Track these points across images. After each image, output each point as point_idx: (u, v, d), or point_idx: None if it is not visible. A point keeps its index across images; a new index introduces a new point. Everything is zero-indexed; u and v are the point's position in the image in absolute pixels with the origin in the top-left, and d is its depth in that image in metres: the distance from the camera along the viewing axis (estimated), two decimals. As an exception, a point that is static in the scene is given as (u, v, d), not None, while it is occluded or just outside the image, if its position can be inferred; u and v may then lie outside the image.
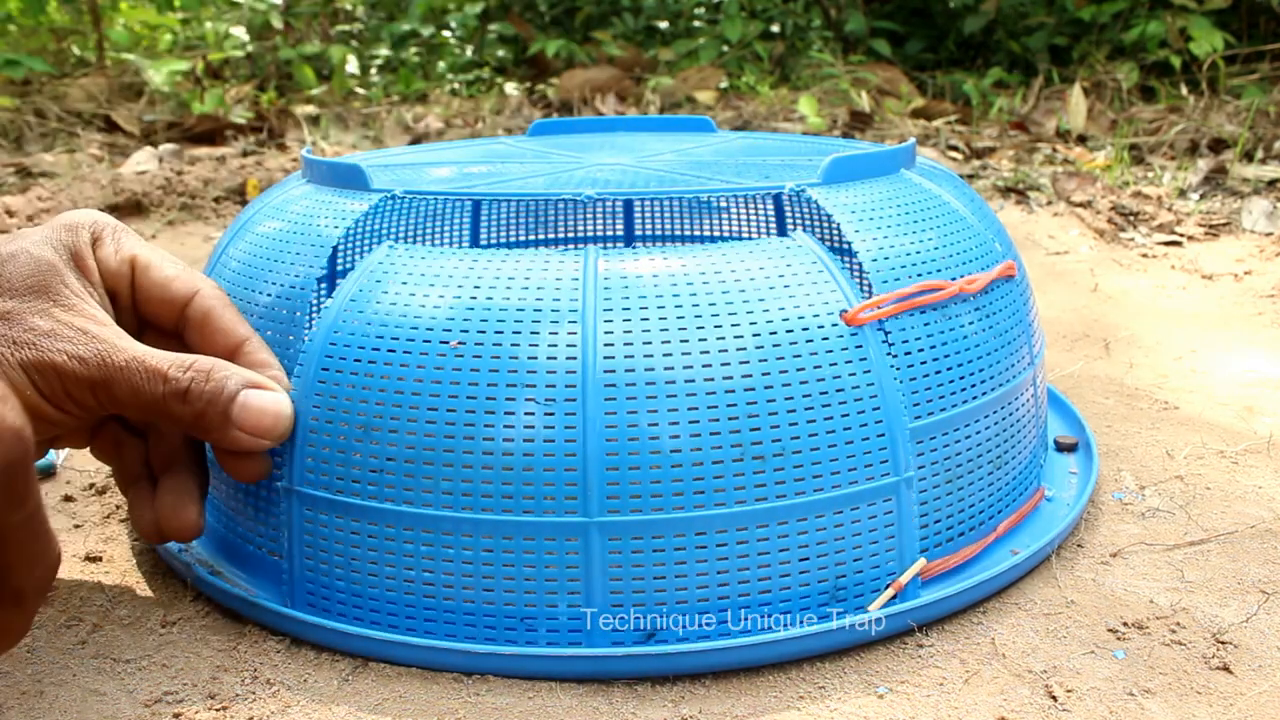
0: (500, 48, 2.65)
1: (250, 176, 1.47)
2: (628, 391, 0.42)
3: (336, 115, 2.05)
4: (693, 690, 0.42)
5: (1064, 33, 2.35)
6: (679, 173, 0.56)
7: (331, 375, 0.44)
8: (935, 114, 1.98)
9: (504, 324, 0.42)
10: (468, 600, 0.43)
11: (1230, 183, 1.43)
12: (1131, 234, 1.23)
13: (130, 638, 0.46)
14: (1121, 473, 0.61)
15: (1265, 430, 0.67)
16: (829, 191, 0.50)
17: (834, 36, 2.56)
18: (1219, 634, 0.45)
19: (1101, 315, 0.94)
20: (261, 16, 2.49)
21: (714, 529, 0.42)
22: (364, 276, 0.46)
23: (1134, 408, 0.71)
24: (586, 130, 0.76)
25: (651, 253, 0.45)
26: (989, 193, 1.45)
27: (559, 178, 0.56)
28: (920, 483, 0.46)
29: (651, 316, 0.42)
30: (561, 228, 0.76)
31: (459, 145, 0.71)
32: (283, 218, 0.52)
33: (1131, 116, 1.86)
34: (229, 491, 0.50)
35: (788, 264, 0.45)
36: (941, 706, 0.41)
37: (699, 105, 2.10)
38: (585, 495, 0.42)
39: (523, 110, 2.12)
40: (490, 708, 0.41)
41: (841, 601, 0.44)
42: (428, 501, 0.43)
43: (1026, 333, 0.53)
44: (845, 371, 0.44)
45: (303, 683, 0.43)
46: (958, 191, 0.55)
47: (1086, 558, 0.52)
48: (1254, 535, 0.54)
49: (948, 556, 0.48)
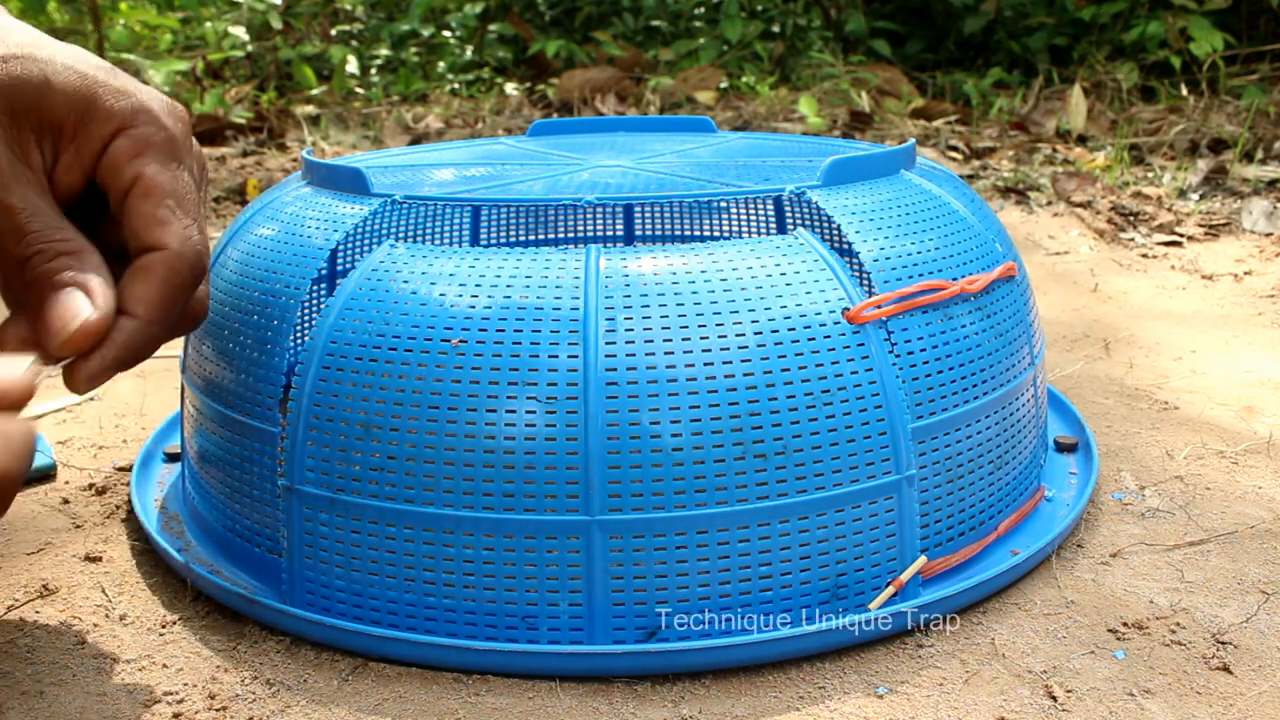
0: (500, 48, 2.65)
1: (250, 177, 1.47)
2: (629, 390, 0.42)
3: (336, 115, 2.05)
4: (693, 690, 0.42)
5: (1064, 33, 2.35)
6: (679, 175, 0.56)
7: (332, 374, 0.44)
8: (935, 114, 1.98)
9: (505, 323, 0.42)
10: (469, 598, 0.43)
11: (1230, 183, 1.44)
12: (1131, 234, 1.23)
13: (130, 638, 0.46)
14: (1121, 473, 0.61)
15: (1265, 430, 0.67)
16: (829, 193, 0.50)
17: (834, 36, 2.56)
18: (1219, 634, 0.45)
19: (1101, 315, 0.94)
20: (261, 16, 2.49)
21: (715, 527, 0.42)
22: (365, 276, 0.46)
23: (1134, 408, 0.71)
24: (586, 131, 0.76)
25: (653, 251, 0.45)
26: (989, 193, 1.45)
27: (559, 180, 0.56)
28: (921, 482, 0.46)
29: (653, 314, 0.42)
30: (561, 229, 0.76)
31: (459, 146, 0.71)
32: (283, 221, 0.52)
33: (1131, 117, 1.86)
34: (229, 490, 0.50)
35: (789, 262, 0.45)
36: (941, 707, 0.41)
37: (699, 105, 2.10)
38: (587, 494, 0.42)
39: (523, 110, 2.12)
40: (490, 708, 0.41)
41: (842, 600, 0.44)
42: (429, 500, 0.43)
43: (1027, 333, 0.53)
44: (847, 370, 0.44)
45: (303, 683, 0.43)
46: (958, 192, 0.55)
47: (1086, 558, 0.52)
48: (1254, 535, 0.54)
49: (948, 556, 0.48)
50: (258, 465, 0.48)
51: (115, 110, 0.43)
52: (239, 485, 0.49)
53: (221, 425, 0.50)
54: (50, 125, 0.42)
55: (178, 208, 0.43)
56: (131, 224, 0.42)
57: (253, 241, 0.52)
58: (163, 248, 0.42)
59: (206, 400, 0.51)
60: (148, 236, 0.42)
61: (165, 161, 0.43)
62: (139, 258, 0.42)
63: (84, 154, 0.43)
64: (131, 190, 0.42)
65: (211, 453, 0.51)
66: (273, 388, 0.47)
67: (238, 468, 0.49)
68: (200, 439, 0.52)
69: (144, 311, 0.41)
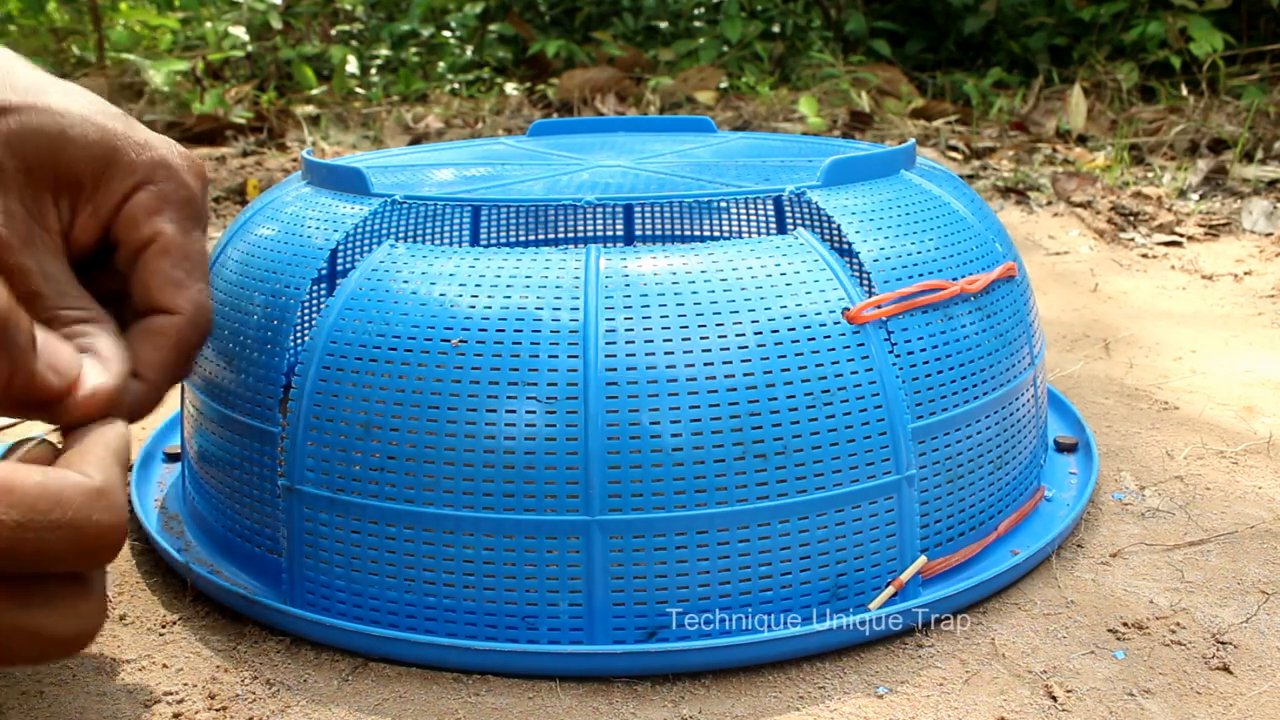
0: (500, 48, 2.65)
1: (250, 177, 1.47)
2: (629, 390, 0.42)
3: (336, 115, 2.05)
4: (693, 690, 0.42)
5: (1064, 33, 2.35)
6: (679, 175, 0.56)
7: (332, 374, 0.44)
8: (935, 114, 1.98)
9: (505, 323, 0.42)
10: (469, 598, 0.43)
11: (1230, 183, 1.44)
12: (1131, 234, 1.23)
13: (130, 638, 0.46)
14: (1121, 473, 0.61)
15: (1265, 430, 0.67)
16: (829, 193, 0.50)
17: (834, 36, 2.56)
18: (1219, 634, 0.45)
19: (1101, 315, 0.94)
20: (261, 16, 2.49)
21: (715, 527, 0.42)
22: (365, 276, 0.46)
23: (1134, 408, 0.71)
24: (586, 130, 0.76)
25: (653, 251, 0.45)
26: (989, 193, 1.45)
27: (559, 180, 0.56)
28: (921, 482, 0.46)
29: (653, 314, 0.42)
30: (561, 229, 0.76)
31: (459, 146, 0.71)
32: (283, 221, 0.52)
33: (1131, 117, 1.86)
34: (229, 490, 0.50)
35: (789, 262, 0.45)
36: (941, 707, 0.41)
37: (699, 105, 2.10)
38: (587, 493, 0.42)
39: (523, 110, 2.12)
40: (490, 708, 0.41)
41: (842, 600, 0.44)
42: (429, 500, 0.43)
43: (1027, 333, 0.53)
44: (847, 370, 0.44)
45: (303, 683, 0.43)
46: (958, 192, 0.55)
47: (1086, 558, 0.52)
48: (1254, 535, 0.54)
49: (948, 556, 0.48)
50: (258, 465, 0.48)
51: (137, 165, 0.42)
52: (239, 485, 0.49)
53: (221, 425, 0.50)
54: (69, 183, 0.41)
55: (193, 270, 0.42)
56: (145, 281, 0.42)
57: (253, 241, 0.52)
58: (176, 312, 0.41)
59: (206, 400, 0.51)
60: (161, 297, 0.41)
61: (183, 221, 0.42)
62: (149, 317, 0.42)
63: (101, 210, 0.42)
64: (148, 248, 0.42)
65: (211, 453, 0.51)
66: (273, 388, 0.47)
67: (238, 468, 0.49)
68: (200, 439, 0.52)
69: (153, 376, 0.41)
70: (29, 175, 0.40)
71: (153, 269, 0.41)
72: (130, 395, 0.40)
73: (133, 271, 0.42)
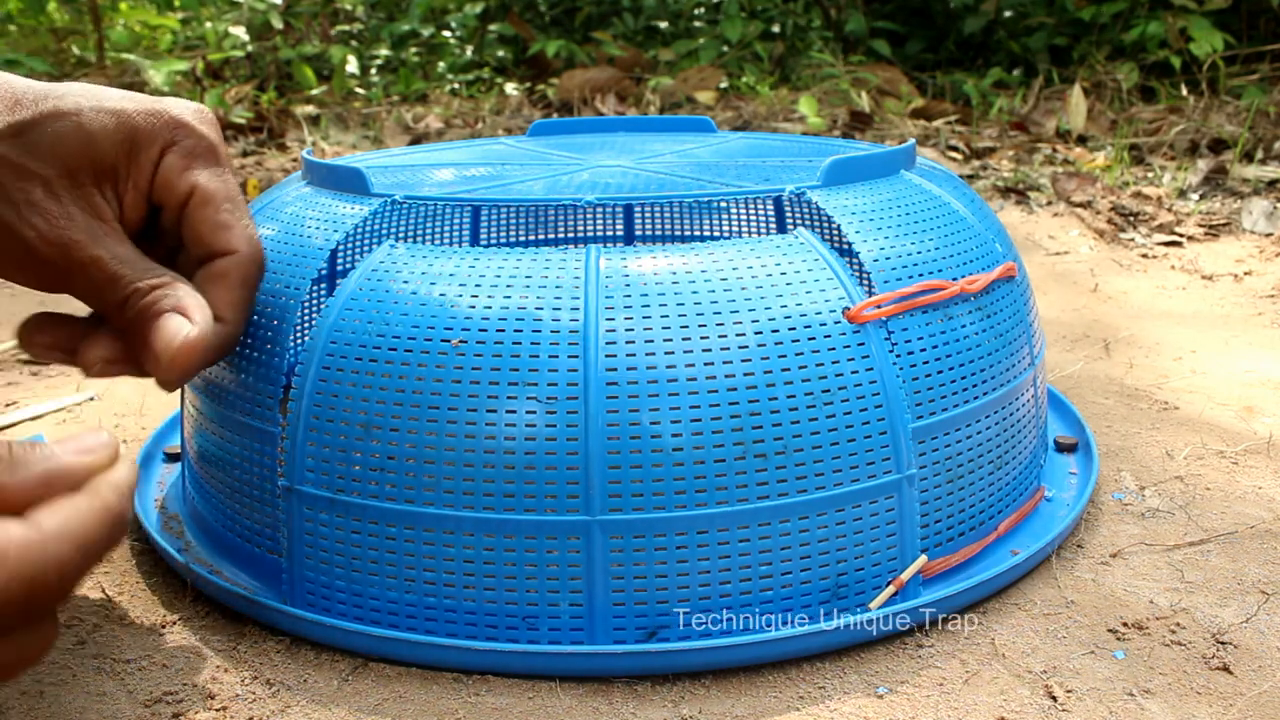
0: (500, 48, 2.65)
1: (250, 176, 1.47)
2: (629, 389, 0.42)
3: (336, 115, 2.05)
4: (693, 690, 0.42)
5: (1064, 33, 2.35)
6: (679, 175, 0.56)
7: (332, 374, 0.44)
8: (935, 114, 1.98)
9: (505, 323, 0.42)
10: (469, 598, 0.43)
11: (1230, 183, 1.44)
12: (1131, 234, 1.23)
13: (130, 638, 0.46)
14: (1121, 473, 0.61)
15: (1265, 430, 0.67)
16: (829, 193, 0.50)
17: (834, 37, 2.56)
18: (1219, 634, 0.45)
19: (1101, 315, 0.94)
20: (261, 16, 2.49)
21: (716, 527, 0.42)
22: (365, 276, 0.46)
23: (1134, 408, 0.71)
24: (586, 130, 0.76)
25: (653, 251, 0.45)
26: (989, 193, 1.45)
27: (559, 180, 0.56)
28: (921, 482, 0.46)
29: (653, 314, 0.42)
30: (561, 229, 0.76)
31: (459, 146, 0.71)
32: (283, 221, 0.52)
33: (1131, 117, 1.86)
34: (229, 490, 0.50)
35: (789, 262, 0.45)
36: (941, 707, 0.41)
37: (699, 105, 2.10)
38: (587, 494, 0.42)
39: (523, 110, 2.12)
40: (490, 708, 0.41)
41: (842, 600, 0.44)
42: (429, 500, 0.43)
43: (1027, 333, 0.53)
44: (847, 370, 0.44)
45: (303, 683, 0.43)
46: (958, 192, 0.55)
47: (1086, 558, 0.52)
48: (1254, 535, 0.54)
49: (948, 556, 0.48)
50: (258, 465, 0.48)
51: (155, 132, 0.45)
52: (239, 485, 0.49)
53: (221, 425, 0.50)
54: (105, 172, 0.44)
55: (235, 210, 0.46)
56: (197, 231, 0.45)
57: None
58: (233, 251, 0.45)
59: (206, 400, 0.51)
60: (216, 242, 0.45)
61: (212, 168, 0.46)
62: (210, 263, 0.45)
63: (140, 184, 0.45)
64: (190, 202, 0.45)
65: (211, 453, 0.51)
66: (273, 388, 0.47)
67: (238, 468, 0.49)
68: (200, 439, 0.52)
69: (230, 315, 0.45)
70: (72, 178, 0.43)
71: (200, 218, 0.45)
72: (217, 339, 0.44)
73: (182, 227, 0.45)
